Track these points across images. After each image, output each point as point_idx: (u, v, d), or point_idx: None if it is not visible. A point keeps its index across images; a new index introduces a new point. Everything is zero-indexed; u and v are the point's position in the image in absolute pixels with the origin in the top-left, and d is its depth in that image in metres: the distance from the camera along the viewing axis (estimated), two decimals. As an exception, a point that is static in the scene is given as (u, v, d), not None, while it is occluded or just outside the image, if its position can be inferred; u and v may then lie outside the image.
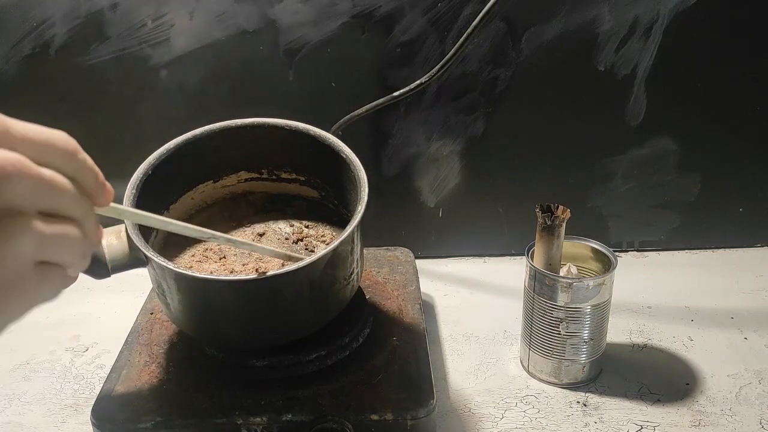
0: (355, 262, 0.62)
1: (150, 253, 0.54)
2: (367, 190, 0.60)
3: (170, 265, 0.54)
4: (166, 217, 0.49)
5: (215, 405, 0.57)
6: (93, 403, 0.57)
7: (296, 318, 0.59)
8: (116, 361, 0.63)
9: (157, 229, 0.63)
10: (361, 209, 0.58)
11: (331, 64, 0.82)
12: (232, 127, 0.67)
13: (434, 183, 0.89)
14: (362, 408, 0.56)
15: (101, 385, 0.60)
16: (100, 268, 0.56)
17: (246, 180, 0.72)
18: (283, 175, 0.72)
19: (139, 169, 0.61)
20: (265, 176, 0.72)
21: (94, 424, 0.56)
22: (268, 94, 0.84)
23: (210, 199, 0.72)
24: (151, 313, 0.70)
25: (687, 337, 0.76)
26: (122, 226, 0.57)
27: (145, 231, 0.56)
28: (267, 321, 0.58)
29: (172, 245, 0.67)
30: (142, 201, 0.58)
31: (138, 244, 0.54)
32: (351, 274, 0.61)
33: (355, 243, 0.60)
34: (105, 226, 0.53)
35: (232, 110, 0.86)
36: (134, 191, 0.59)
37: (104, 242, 0.56)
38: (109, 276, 0.56)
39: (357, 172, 0.62)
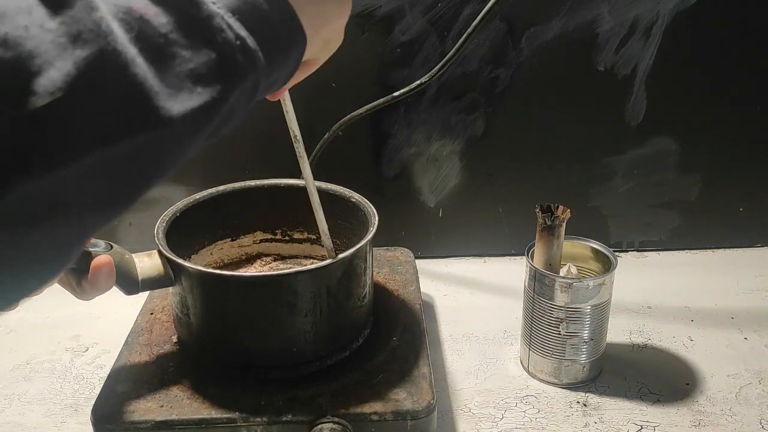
0: (368, 286, 0.64)
1: (181, 261, 0.58)
2: (376, 221, 0.64)
3: (199, 267, 0.58)
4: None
5: (215, 405, 0.56)
6: (93, 403, 0.57)
7: (314, 329, 0.59)
8: (116, 361, 0.63)
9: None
10: (372, 229, 0.62)
11: (331, 64, 0.82)
12: (251, 187, 0.72)
13: (434, 183, 0.89)
14: (362, 408, 0.56)
15: (101, 385, 0.60)
16: (130, 284, 0.57)
17: (261, 241, 0.76)
18: (296, 235, 0.76)
19: (167, 211, 0.66)
20: (278, 237, 0.76)
21: (94, 424, 0.56)
22: (268, 94, 0.84)
23: (227, 258, 0.75)
24: (151, 313, 0.70)
25: (687, 337, 0.76)
26: (154, 251, 0.60)
27: (178, 253, 0.60)
28: (286, 328, 0.59)
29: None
30: (170, 237, 0.62)
31: (167, 253, 0.58)
32: (364, 296, 0.63)
33: (368, 264, 0.63)
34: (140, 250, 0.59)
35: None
36: (164, 225, 0.63)
37: (137, 260, 0.58)
38: (138, 293, 0.58)
39: (366, 209, 0.67)
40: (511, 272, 0.89)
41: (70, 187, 0.25)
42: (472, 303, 0.84)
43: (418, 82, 0.78)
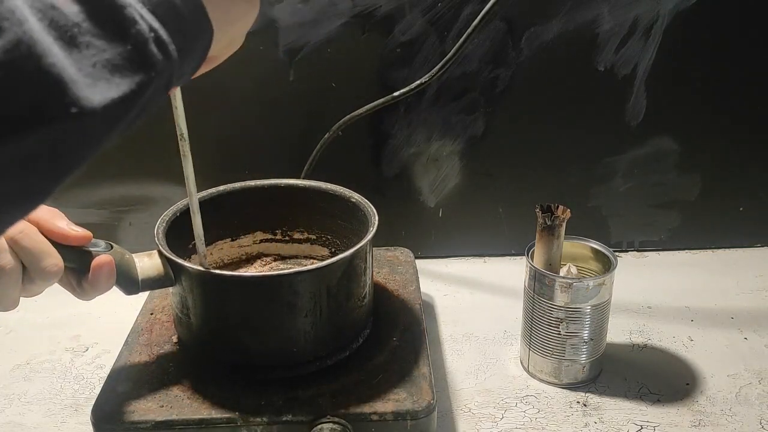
0: (368, 286, 0.64)
1: (181, 261, 0.58)
2: (376, 221, 0.64)
3: (199, 267, 0.58)
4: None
5: (215, 405, 0.57)
6: (93, 403, 0.57)
7: (314, 329, 0.59)
8: (116, 361, 0.63)
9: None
10: (372, 229, 0.62)
11: (331, 64, 0.82)
12: (251, 187, 0.72)
13: (434, 183, 0.89)
14: (362, 408, 0.56)
15: (101, 385, 0.60)
16: (130, 284, 0.57)
17: (261, 241, 0.76)
18: (296, 236, 0.76)
19: (167, 211, 0.66)
20: (279, 237, 0.76)
21: (94, 424, 0.56)
22: (268, 94, 0.84)
23: (227, 258, 0.75)
24: (151, 314, 0.70)
25: (687, 337, 0.76)
26: (155, 251, 0.60)
27: (178, 253, 0.60)
28: (286, 328, 0.59)
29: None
30: (170, 237, 0.62)
31: (167, 254, 0.58)
32: (364, 296, 0.63)
33: (368, 264, 0.63)
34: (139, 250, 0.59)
35: (231, 110, 0.86)
36: (164, 225, 0.63)
37: (137, 260, 0.58)
38: (138, 293, 0.58)
39: (366, 209, 0.67)
40: (511, 272, 0.89)
41: None
42: (472, 303, 0.84)
43: (418, 82, 0.78)
